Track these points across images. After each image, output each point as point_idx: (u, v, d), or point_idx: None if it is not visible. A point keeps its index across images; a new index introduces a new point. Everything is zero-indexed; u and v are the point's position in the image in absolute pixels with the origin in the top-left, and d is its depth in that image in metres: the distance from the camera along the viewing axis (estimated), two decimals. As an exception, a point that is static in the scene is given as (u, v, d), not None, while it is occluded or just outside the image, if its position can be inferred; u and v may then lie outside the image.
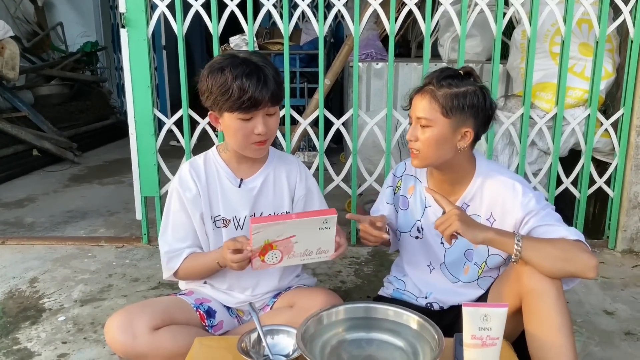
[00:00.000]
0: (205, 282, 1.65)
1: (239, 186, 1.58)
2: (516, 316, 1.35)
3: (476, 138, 1.46)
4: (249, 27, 2.56)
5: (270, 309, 1.62)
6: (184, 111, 2.63)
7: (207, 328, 1.55)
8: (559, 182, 2.73)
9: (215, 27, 2.55)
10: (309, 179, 1.68)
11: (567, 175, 2.73)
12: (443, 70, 1.45)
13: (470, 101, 1.40)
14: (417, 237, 1.61)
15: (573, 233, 1.34)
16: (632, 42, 2.59)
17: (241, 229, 1.58)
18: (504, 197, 1.45)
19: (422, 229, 1.58)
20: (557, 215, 1.41)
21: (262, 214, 1.60)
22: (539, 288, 1.28)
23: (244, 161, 1.59)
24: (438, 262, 1.59)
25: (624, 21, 2.56)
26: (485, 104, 1.43)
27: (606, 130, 2.69)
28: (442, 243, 1.56)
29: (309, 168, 2.79)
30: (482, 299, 1.53)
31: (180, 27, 2.55)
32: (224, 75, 1.42)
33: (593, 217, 3.01)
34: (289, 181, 1.64)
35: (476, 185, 1.49)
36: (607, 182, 2.78)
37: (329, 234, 1.39)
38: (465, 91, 1.40)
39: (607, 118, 2.69)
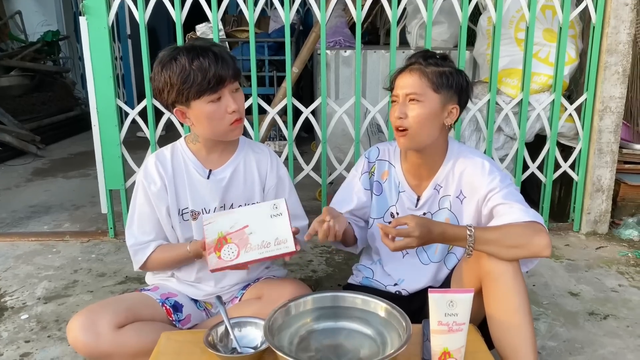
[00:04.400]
0: (172, 275, 1.63)
1: (208, 177, 1.55)
2: (479, 298, 1.37)
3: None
4: (213, 15, 2.50)
5: (239, 300, 1.61)
6: (147, 101, 2.57)
7: (174, 323, 1.52)
8: (525, 167, 2.77)
9: (178, 15, 2.48)
10: (281, 168, 1.66)
11: (533, 160, 2.77)
12: (425, 51, 1.50)
13: (456, 80, 1.45)
14: (389, 223, 1.60)
15: (529, 214, 1.36)
16: (594, 27, 2.63)
17: None
18: (473, 175, 1.48)
19: (398, 213, 1.59)
20: (519, 195, 1.44)
21: (232, 205, 1.57)
22: (496, 270, 1.31)
23: (213, 150, 1.55)
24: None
25: (587, 7, 2.60)
26: (468, 85, 1.49)
27: (570, 115, 2.74)
28: None
29: (280, 157, 2.78)
30: (447, 281, 1.55)
31: (141, 15, 2.47)
32: (179, 63, 1.38)
33: (558, 201, 3.08)
34: (260, 170, 1.61)
35: (448, 167, 1.52)
36: (572, 167, 2.83)
37: (282, 222, 1.37)
38: (450, 70, 1.45)
39: (571, 103, 2.74)
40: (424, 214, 1.55)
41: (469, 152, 1.53)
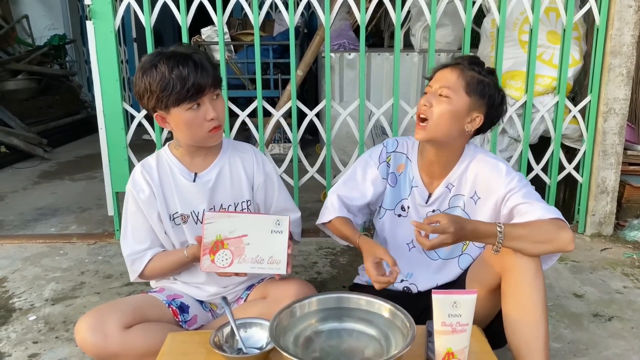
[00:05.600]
0: (175, 279, 1.64)
1: (194, 180, 1.56)
2: (495, 295, 1.39)
3: (479, 130, 1.52)
4: (219, 18, 2.52)
5: (244, 301, 1.62)
6: (154, 104, 2.58)
7: (180, 324, 1.54)
8: (530, 168, 2.77)
9: (183, 19, 2.51)
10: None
11: (537, 162, 2.77)
12: (474, 57, 1.53)
13: (491, 92, 1.48)
14: (399, 215, 1.63)
15: (551, 211, 1.39)
16: (597, 29, 2.63)
17: (201, 222, 1.56)
18: (488, 176, 1.50)
19: (409, 207, 1.61)
20: (538, 195, 1.47)
21: (221, 206, 1.58)
22: (520, 266, 1.33)
23: (197, 154, 1.57)
24: None
25: (590, 9, 2.61)
26: (501, 105, 1.51)
27: (574, 116, 2.74)
28: None
29: (284, 160, 2.79)
30: (460, 279, 1.56)
31: (147, 19, 2.50)
32: (159, 71, 1.39)
33: (563, 203, 3.07)
34: (246, 169, 1.62)
35: (461, 167, 1.55)
36: (576, 168, 2.83)
37: (281, 241, 1.39)
38: (489, 82, 1.48)
39: (575, 105, 2.74)
40: (433, 211, 1.57)
41: (484, 154, 1.55)
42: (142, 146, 3.24)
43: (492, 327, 1.46)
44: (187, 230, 1.57)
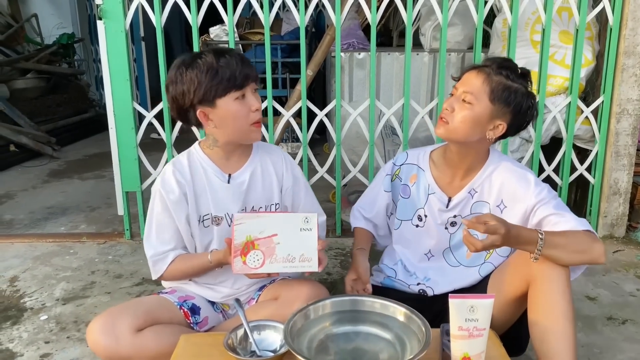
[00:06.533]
0: (189, 279, 1.64)
1: (228, 182, 1.55)
2: (518, 302, 1.39)
3: (503, 136, 1.49)
4: (229, 18, 2.52)
5: (256, 302, 1.61)
6: (164, 104, 2.58)
7: (191, 325, 1.53)
8: (541, 169, 2.75)
9: (194, 18, 2.50)
10: (295, 167, 1.67)
11: (549, 163, 2.75)
12: (505, 60, 1.47)
13: (518, 99, 1.42)
14: (417, 226, 1.62)
15: (582, 223, 1.39)
16: (611, 29, 2.61)
17: None
18: (515, 186, 1.48)
19: (426, 216, 1.60)
20: (567, 207, 1.46)
21: (252, 207, 1.58)
22: (549, 274, 1.32)
23: (232, 154, 1.56)
24: (442, 248, 1.61)
25: (604, 9, 2.58)
26: (529, 110, 1.45)
27: (587, 117, 2.72)
28: (446, 228, 1.58)
29: (294, 159, 2.78)
30: (480, 284, 1.55)
31: (158, 19, 2.50)
32: (206, 61, 1.40)
33: (574, 204, 3.05)
34: (277, 171, 1.62)
35: (486, 174, 1.53)
36: (588, 169, 2.81)
37: (310, 238, 1.38)
38: (517, 88, 1.42)
39: (588, 105, 2.72)
40: (455, 216, 1.56)
41: (510, 163, 1.53)
42: (150, 145, 3.23)
43: (510, 334, 1.45)
44: (218, 233, 1.55)
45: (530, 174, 1.50)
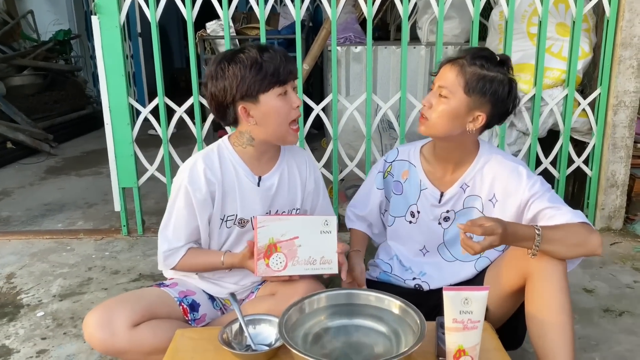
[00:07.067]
0: (196, 273, 1.62)
1: (258, 184, 1.53)
2: (515, 296, 1.38)
3: (487, 126, 1.47)
4: (224, 12, 2.51)
5: (255, 296, 1.61)
6: (159, 100, 2.58)
7: (189, 322, 1.53)
8: (538, 162, 2.74)
9: (189, 13, 2.49)
10: (316, 169, 1.66)
11: (546, 156, 2.75)
12: (481, 49, 1.45)
13: (494, 88, 1.39)
14: (410, 222, 1.61)
15: (578, 215, 1.38)
16: (607, 21, 2.60)
17: None
18: (507, 180, 1.47)
19: (419, 212, 1.59)
20: (561, 199, 1.45)
21: (277, 211, 1.56)
22: (547, 269, 1.31)
23: (264, 155, 1.53)
24: (436, 243, 1.60)
25: (600, 1, 2.57)
26: (508, 97, 1.43)
27: (584, 110, 2.71)
28: (439, 224, 1.57)
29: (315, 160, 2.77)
30: (477, 278, 1.54)
31: (153, 14, 2.48)
32: (249, 56, 1.38)
33: (572, 197, 3.05)
34: (301, 175, 1.61)
35: (477, 167, 1.51)
36: (585, 162, 2.80)
37: (330, 240, 1.39)
38: (493, 77, 1.39)
39: (585, 98, 2.71)
40: (447, 211, 1.55)
41: (501, 156, 1.52)
42: (147, 141, 3.24)
43: (507, 328, 1.45)
44: (237, 234, 1.53)
45: (522, 166, 1.48)
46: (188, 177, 1.47)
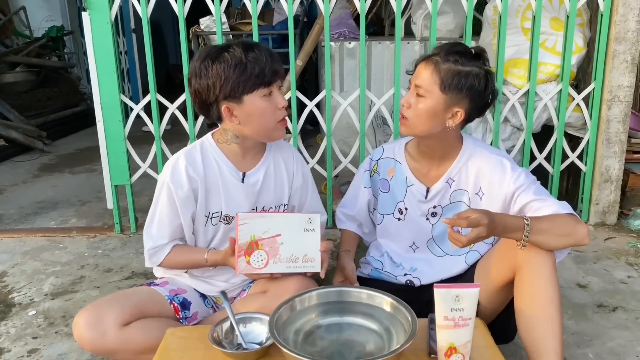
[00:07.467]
0: (186, 271, 1.61)
1: (242, 181, 1.51)
2: (505, 289, 1.38)
3: (467, 120, 1.46)
4: (216, 7, 2.48)
5: (247, 294, 1.60)
6: (152, 96, 2.56)
7: (181, 320, 1.52)
8: (532, 158, 2.74)
9: (180, 9, 2.47)
10: (304, 165, 1.64)
11: (540, 151, 2.74)
12: (454, 45, 1.44)
13: (470, 83, 1.39)
14: (399, 219, 1.61)
15: (564, 206, 1.38)
16: (602, 15, 2.59)
17: None
18: (492, 173, 1.47)
19: (406, 209, 1.58)
20: (546, 191, 1.45)
21: (263, 207, 1.55)
22: (535, 261, 1.31)
23: (249, 152, 1.52)
24: (425, 239, 1.60)
25: (594, -5, 2.56)
26: (486, 90, 1.42)
27: (578, 104, 2.70)
28: (427, 219, 1.57)
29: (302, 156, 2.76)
30: (467, 273, 1.54)
31: (144, 9, 2.46)
32: (233, 55, 1.35)
33: (566, 192, 3.05)
34: (288, 171, 1.59)
35: (461, 162, 1.51)
36: (580, 157, 2.80)
37: (313, 238, 1.38)
38: (468, 71, 1.38)
39: (579, 93, 2.70)
40: (434, 206, 1.55)
41: (485, 149, 1.51)
42: (141, 138, 3.22)
43: (497, 323, 1.45)
44: (224, 231, 1.52)
45: (506, 159, 1.48)
46: (170, 174, 1.47)
